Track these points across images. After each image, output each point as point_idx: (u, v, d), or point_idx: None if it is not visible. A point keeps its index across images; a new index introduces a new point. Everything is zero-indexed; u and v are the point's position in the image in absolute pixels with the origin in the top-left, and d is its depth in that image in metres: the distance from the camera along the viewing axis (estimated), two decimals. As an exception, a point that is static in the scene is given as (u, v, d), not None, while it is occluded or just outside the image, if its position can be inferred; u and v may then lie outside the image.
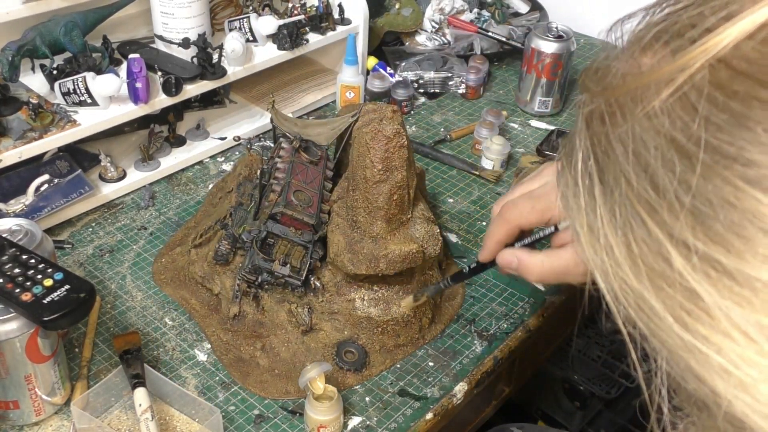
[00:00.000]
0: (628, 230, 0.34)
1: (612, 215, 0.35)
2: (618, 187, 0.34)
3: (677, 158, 0.31)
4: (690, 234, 0.31)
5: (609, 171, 0.35)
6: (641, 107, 0.33)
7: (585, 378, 1.47)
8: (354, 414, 0.86)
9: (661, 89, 0.32)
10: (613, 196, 0.35)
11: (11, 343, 0.76)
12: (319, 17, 1.33)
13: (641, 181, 0.33)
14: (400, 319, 0.92)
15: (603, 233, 0.36)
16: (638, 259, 0.34)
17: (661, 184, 0.32)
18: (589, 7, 1.75)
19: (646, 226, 0.33)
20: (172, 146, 1.26)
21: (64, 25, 1.09)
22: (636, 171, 0.33)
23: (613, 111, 0.35)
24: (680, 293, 0.32)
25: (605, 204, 0.36)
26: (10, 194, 1.04)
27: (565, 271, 0.75)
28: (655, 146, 0.32)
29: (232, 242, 0.95)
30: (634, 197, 0.33)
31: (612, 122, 0.35)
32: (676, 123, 0.32)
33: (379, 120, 0.90)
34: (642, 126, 0.33)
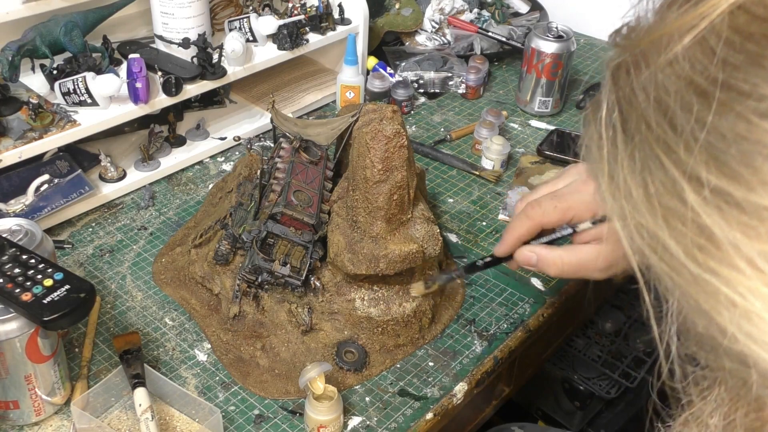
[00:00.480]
0: (646, 173, 0.36)
1: (632, 160, 0.37)
2: (639, 132, 0.36)
3: (695, 99, 0.33)
4: (703, 168, 0.33)
5: (631, 119, 0.37)
6: (664, 55, 0.35)
7: (585, 378, 1.47)
8: (354, 414, 0.86)
9: (684, 36, 0.34)
10: (633, 142, 0.37)
11: (11, 343, 0.76)
12: (319, 17, 1.33)
13: (661, 124, 0.35)
14: (400, 319, 0.92)
15: (623, 179, 0.38)
16: (654, 200, 0.36)
17: (678, 125, 0.34)
18: (589, 7, 1.75)
19: (663, 166, 0.35)
20: (172, 146, 1.26)
21: (64, 25, 1.09)
22: (656, 115, 0.35)
23: (638, 61, 0.37)
24: (692, 229, 0.34)
25: (626, 150, 0.37)
26: (10, 194, 1.04)
27: (584, 266, 0.78)
28: (676, 90, 0.34)
29: (232, 242, 0.95)
30: (653, 140, 0.35)
31: (636, 72, 0.37)
32: (695, 66, 0.33)
33: (379, 120, 0.90)
34: (664, 73, 0.35)
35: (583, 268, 0.78)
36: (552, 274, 0.80)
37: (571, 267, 0.78)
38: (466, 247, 1.11)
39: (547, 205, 0.79)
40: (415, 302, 0.93)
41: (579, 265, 0.78)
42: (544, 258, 0.79)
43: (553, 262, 0.79)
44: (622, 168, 0.38)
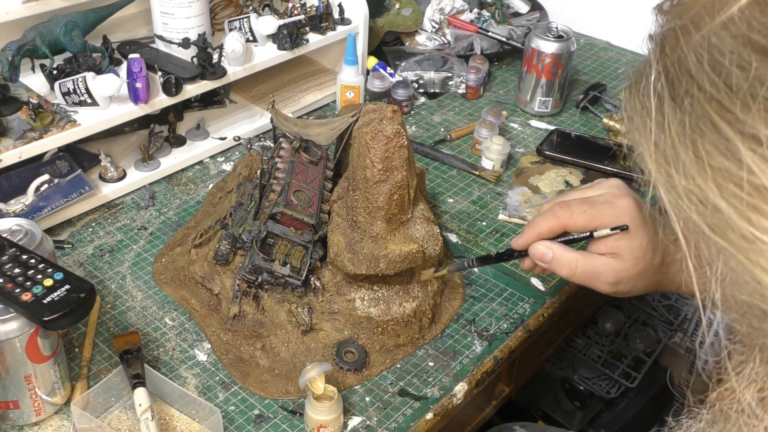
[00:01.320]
0: (696, 136, 0.35)
1: (681, 125, 0.36)
2: (689, 96, 0.36)
3: (754, 56, 0.33)
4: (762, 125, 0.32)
5: (680, 84, 0.37)
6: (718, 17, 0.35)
7: (585, 378, 1.47)
8: (354, 414, 0.86)
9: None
10: (683, 107, 0.36)
11: (11, 343, 0.76)
12: (319, 17, 1.33)
13: (715, 84, 0.34)
14: (400, 319, 0.92)
15: (671, 145, 0.37)
16: (704, 162, 0.35)
17: (734, 84, 0.33)
18: (589, 7, 1.75)
19: (716, 127, 0.34)
20: (172, 146, 1.26)
21: (64, 25, 1.09)
22: (709, 77, 0.35)
23: (687, 27, 0.37)
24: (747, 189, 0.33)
25: (674, 116, 0.37)
26: (10, 194, 1.04)
27: (595, 275, 0.78)
28: (731, 50, 0.34)
29: (232, 242, 0.95)
30: (705, 101, 0.35)
31: (686, 38, 0.37)
32: (753, 25, 0.33)
33: (379, 120, 0.90)
34: (718, 35, 0.35)
35: (594, 278, 0.78)
36: (563, 275, 0.80)
37: (583, 273, 0.78)
38: (466, 247, 1.11)
39: (576, 208, 0.78)
40: (415, 302, 0.93)
41: (591, 273, 0.78)
42: (560, 257, 0.78)
43: (567, 264, 0.78)
44: (669, 134, 0.37)
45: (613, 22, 1.72)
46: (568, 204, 0.79)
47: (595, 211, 0.77)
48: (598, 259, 0.78)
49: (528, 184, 1.24)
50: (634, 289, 0.79)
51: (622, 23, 1.71)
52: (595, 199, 0.79)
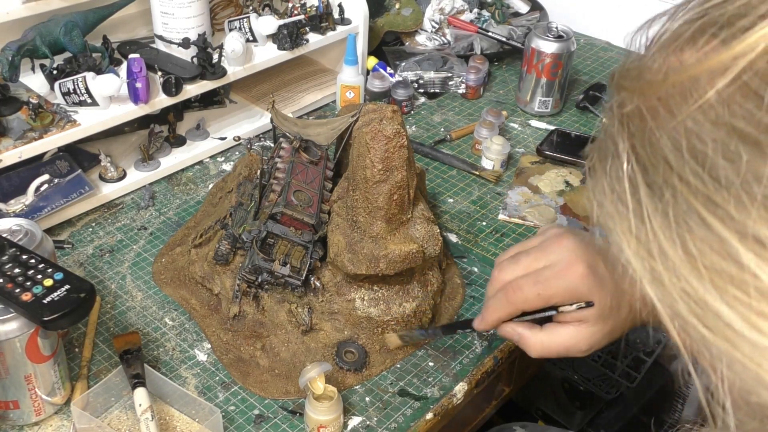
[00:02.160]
0: (684, 232, 0.32)
1: (665, 218, 0.33)
2: (669, 187, 0.32)
3: (743, 148, 0.30)
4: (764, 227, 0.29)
5: (657, 172, 0.33)
6: (693, 100, 0.31)
7: (585, 378, 1.47)
8: (354, 414, 0.86)
9: (715, 80, 0.31)
10: (663, 198, 0.33)
11: (11, 343, 0.76)
12: (319, 17, 1.33)
13: (698, 176, 0.31)
14: (400, 319, 0.92)
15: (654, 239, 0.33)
16: (699, 263, 0.32)
17: (723, 177, 0.30)
18: (589, 7, 1.75)
19: (706, 224, 0.31)
20: (172, 146, 1.26)
21: (64, 25, 1.09)
22: (691, 167, 0.31)
23: (656, 108, 0.33)
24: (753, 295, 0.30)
25: (655, 207, 0.33)
26: (10, 194, 1.04)
27: (565, 349, 0.75)
28: (714, 139, 0.31)
29: (232, 242, 0.95)
30: (691, 195, 0.32)
31: (656, 120, 0.33)
32: (736, 112, 0.30)
33: (379, 120, 0.90)
34: (695, 120, 0.31)
35: (565, 351, 0.75)
36: (533, 356, 0.77)
37: (552, 351, 0.76)
38: (466, 247, 1.11)
39: (529, 292, 0.74)
40: (415, 302, 0.93)
41: (560, 349, 0.75)
42: (527, 340, 0.76)
43: (533, 346, 0.76)
44: (652, 228, 0.33)
45: (613, 22, 1.72)
46: (521, 287, 0.75)
47: (549, 291, 0.73)
48: (565, 332, 0.75)
49: (528, 184, 1.24)
50: (610, 341, 0.76)
51: (622, 23, 1.70)
52: (547, 275, 0.74)
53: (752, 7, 0.31)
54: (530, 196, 1.21)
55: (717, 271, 0.31)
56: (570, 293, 0.73)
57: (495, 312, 0.78)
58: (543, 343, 0.75)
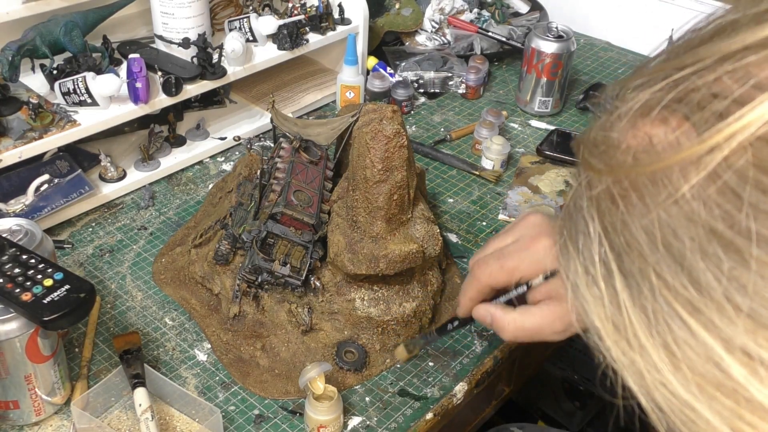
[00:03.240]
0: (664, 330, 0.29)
1: (643, 313, 0.30)
2: (646, 281, 0.30)
3: (722, 252, 0.27)
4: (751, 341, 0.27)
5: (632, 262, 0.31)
6: (666, 193, 0.29)
7: (585, 378, 1.47)
8: (354, 414, 0.86)
9: (689, 173, 0.28)
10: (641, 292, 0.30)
11: (11, 343, 0.76)
12: (319, 17, 1.33)
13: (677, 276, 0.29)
14: (400, 318, 0.92)
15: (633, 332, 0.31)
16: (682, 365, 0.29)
17: (704, 282, 0.28)
18: (589, 7, 1.75)
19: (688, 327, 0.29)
20: (172, 146, 1.26)
21: (64, 25, 1.09)
22: (668, 264, 0.29)
23: (627, 193, 0.30)
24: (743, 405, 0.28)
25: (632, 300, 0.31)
26: (10, 194, 1.04)
27: (538, 329, 0.72)
28: (691, 237, 0.28)
29: (232, 242, 0.95)
30: (671, 295, 0.29)
31: (628, 207, 0.30)
32: (714, 211, 0.27)
33: (379, 120, 0.90)
34: (669, 213, 0.29)
35: (539, 332, 0.73)
36: (506, 338, 0.75)
37: (526, 331, 0.73)
38: (466, 247, 1.11)
39: (492, 265, 0.73)
40: (415, 302, 0.93)
41: (534, 330, 0.73)
42: (499, 320, 0.74)
43: (506, 327, 0.73)
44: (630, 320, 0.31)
45: (613, 22, 1.72)
46: (486, 262, 0.74)
47: (512, 263, 0.72)
48: (537, 312, 0.72)
49: (528, 184, 1.24)
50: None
51: (622, 23, 1.71)
52: (510, 249, 0.73)
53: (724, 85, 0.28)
54: (530, 196, 1.21)
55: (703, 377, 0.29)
56: (535, 265, 0.71)
57: (464, 293, 0.77)
58: (516, 322, 0.73)
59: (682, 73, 0.30)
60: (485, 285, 0.75)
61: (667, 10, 1.59)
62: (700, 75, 0.29)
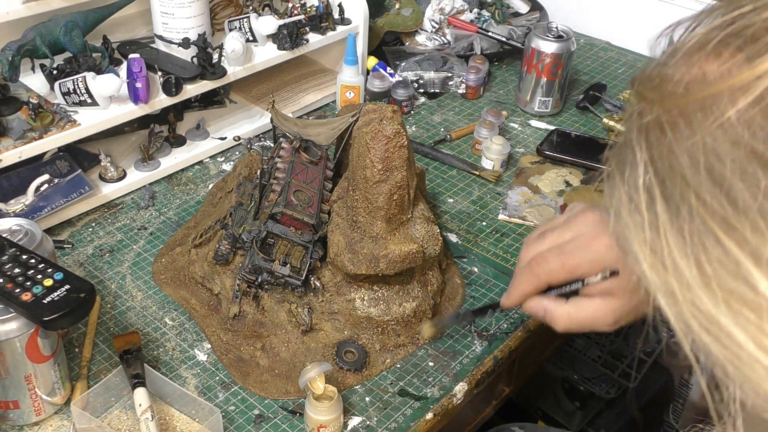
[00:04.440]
0: (699, 251, 0.32)
1: (680, 234, 0.32)
2: (686, 203, 0.32)
3: (761, 172, 0.29)
4: None
5: (674, 186, 0.33)
6: (713, 117, 0.31)
7: (585, 378, 1.47)
8: (354, 414, 0.86)
9: (737, 98, 0.30)
10: (680, 214, 0.32)
11: (11, 343, 0.76)
12: (319, 17, 1.33)
13: (715, 196, 0.31)
14: (400, 318, 0.92)
15: (669, 254, 0.33)
16: (713, 282, 0.31)
17: (741, 200, 0.30)
18: (589, 7, 1.75)
19: (722, 245, 0.31)
20: (172, 146, 1.26)
21: (64, 25, 1.09)
22: (708, 186, 0.31)
23: (676, 121, 0.32)
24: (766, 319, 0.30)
25: (671, 222, 0.33)
26: (10, 194, 1.04)
27: (591, 322, 0.75)
28: (732, 159, 0.30)
29: (232, 242, 0.95)
30: (707, 214, 0.31)
31: (675, 133, 0.32)
32: (757, 134, 0.29)
33: (379, 120, 0.90)
34: (715, 137, 0.31)
35: (592, 324, 0.75)
36: (559, 329, 0.77)
37: (579, 324, 0.75)
38: (466, 247, 1.11)
39: (554, 263, 0.74)
40: (415, 302, 0.93)
41: (588, 322, 0.75)
42: (552, 313, 0.75)
43: (560, 319, 0.75)
44: (667, 242, 0.33)
45: (613, 22, 1.72)
46: (546, 259, 0.75)
47: (573, 261, 0.73)
48: (591, 305, 0.74)
49: (528, 184, 1.24)
50: (636, 317, 0.76)
51: (622, 23, 1.71)
52: (571, 247, 0.74)
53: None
54: (530, 196, 1.21)
55: (731, 293, 0.31)
56: (595, 264, 0.73)
57: (520, 286, 0.77)
58: (570, 315, 0.74)
59: (740, 11, 0.32)
60: (544, 282, 0.76)
61: (667, 10, 1.59)
62: (757, 12, 0.31)
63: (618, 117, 1.38)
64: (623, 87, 1.53)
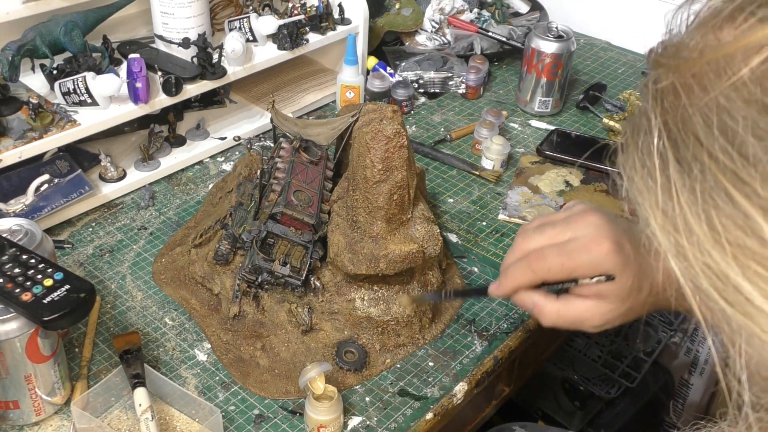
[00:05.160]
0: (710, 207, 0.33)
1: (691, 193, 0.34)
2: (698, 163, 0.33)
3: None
4: None
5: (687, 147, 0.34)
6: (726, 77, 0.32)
7: (585, 378, 1.47)
8: (354, 414, 0.86)
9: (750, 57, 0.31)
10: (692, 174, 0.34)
11: (11, 343, 0.76)
12: (319, 17, 1.33)
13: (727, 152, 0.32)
14: (400, 319, 0.92)
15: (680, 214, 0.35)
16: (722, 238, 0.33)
17: (752, 154, 0.31)
18: (589, 7, 1.75)
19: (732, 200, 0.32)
20: (172, 146, 1.26)
21: (64, 25, 1.09)
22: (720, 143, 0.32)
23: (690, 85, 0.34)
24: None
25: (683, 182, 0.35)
26: (10, 194, 1.04)
27: (579, 322, 0.75)
28: (744, 116, 0.31)
29: (232, 242, 0.95)
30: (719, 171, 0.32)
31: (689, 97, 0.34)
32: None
33: (379, 120, 0.90)
34: (727, 97, 0.32)
35: (579, 323, 0.75)
36: (546, 325, 0.77)
37: (566, 321, 0.75)
38: (466, 247, 1.11)
39: (553, 262, 0.74)
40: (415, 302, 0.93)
41: (574, 320, 0.75)
42: (542, 308, 0.76)
43: (548, 315, 0.75)
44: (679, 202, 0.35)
45: (613, 22, 1.72)
46: (545, 256, 0.74)
47: (573, 263, 0.73)
48: (581, 305, 0.74)
49: (528, 184, 1.24)
50: (624, 322, 0.76)
51: (622, 23, 1.71)
52: (572, 247, 0.74)
53: None
54: (530, 196, 1.21)
55: (740, 247, 0.32)
56: (593, 268, 0.73)
57: (515, 279, 0.77)
58: (559, 312, 0.75)
59: None
60: (540, 279, 0.76)
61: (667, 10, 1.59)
62: None
63: (618, 117, 1.38)
64: (623, 87, 1.53)
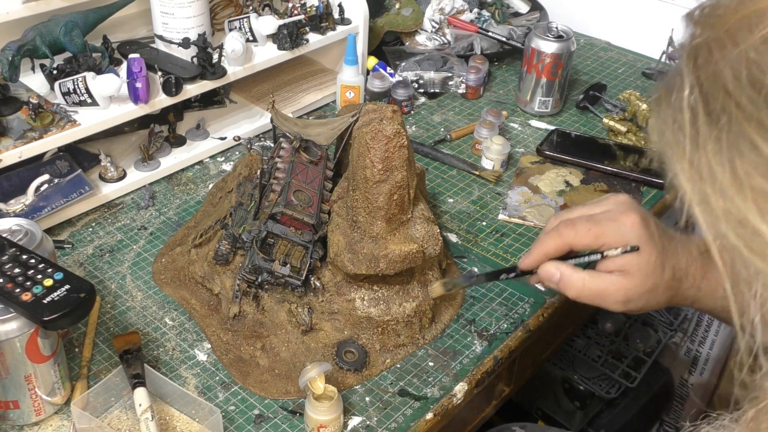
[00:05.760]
0: (734, 155, 0.35)
1: (717, 143, 0.36)
2: (726, 113, 0.35)
3: None
4: None
5: (716, 99, 0.36)
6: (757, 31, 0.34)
7: (585, 378, 1.47)
8: (354, 414, 0.86)
9: None
10: (719, 124, 0.35)
11: (11, 343, 0.76)
12: (319, 17, 1.33)
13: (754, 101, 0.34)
14: (400, 318, 0.92)
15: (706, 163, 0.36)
16: (744, 183, 0.34)
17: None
18: (589, 7, 1.75)
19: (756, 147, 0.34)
20: (172, 146, 1.26)
21: (64, 25, 1.09)
22: (748, 94, 0.34)
23: (722, 40, 0.36)
24: None
25: (710, 133, 0.36)
26: (10, 194, 1.04)
27: (603, 294, 0.77)
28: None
29: (232, 242, 0.95)
30: (744, 119, 0.34)
31: (721, 52, 0.35)
32: None
33: (379, 120, 0.90)
34: (757, 50, 0.34)
35: (602, 297, 0.77)
36: (571, 295, 0.79)
37: (591, 293, 0.77)
38: (466, 247, 1.11)
39: (581, 227, 0.77)
40: (415, 302, 0.93)
41: (599, 293, 0.77)
42: (568, 278, 0.78)
43: (574, 284, 0.77)
44: (705, 151, 0.36)
45: (613, 22, 1.72)
46: (573, 223, 0.78)
47: (600, 229, 0.76)
48: (607, 278, 0.76)
49: (528, 184, 1.24)
50: (646, 305, 0.78)
51: (622, 23, 1.71)
52: (600, 216, 0.78)
53: None
54: (530, 196, 1.21)
55: (761, 192, 0.34)
56: (619, 237, 0.75)
57: (543, 246, 0.79)
58: (584, 281, 0.77)
59: None
60: (567, 244, 0.78)
61: (667, 10, 1.60)
62: None
63: (618, 117, 1.38)
64: (623, 87, 1.53)
